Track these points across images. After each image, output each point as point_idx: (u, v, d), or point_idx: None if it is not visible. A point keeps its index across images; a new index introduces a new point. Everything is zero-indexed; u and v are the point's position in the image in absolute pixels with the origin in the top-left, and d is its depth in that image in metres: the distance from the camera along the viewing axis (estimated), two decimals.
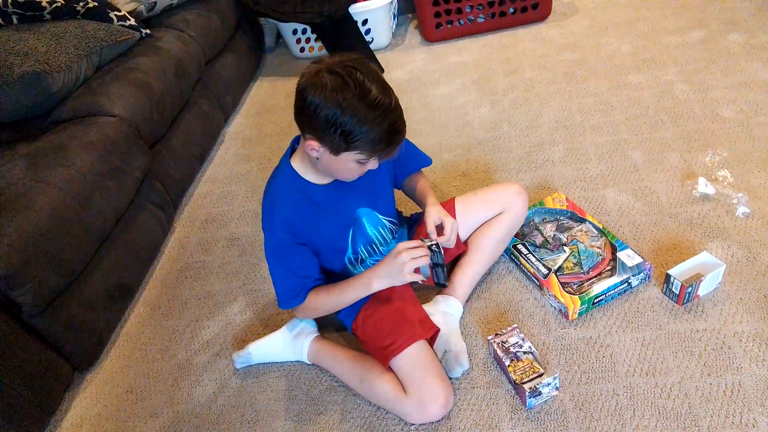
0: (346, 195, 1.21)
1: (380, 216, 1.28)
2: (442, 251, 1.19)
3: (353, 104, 0.96)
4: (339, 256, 1.28)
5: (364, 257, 1.30)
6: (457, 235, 1.40)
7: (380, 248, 1.31)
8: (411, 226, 1.44)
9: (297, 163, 1.17)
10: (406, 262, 1.11)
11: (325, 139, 1.02)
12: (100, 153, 1.58)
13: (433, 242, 1.16)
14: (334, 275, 1.29)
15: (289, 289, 1.21)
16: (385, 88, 1.01)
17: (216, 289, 1.66)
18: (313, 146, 1.04)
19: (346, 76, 0.97)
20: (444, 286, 1.32)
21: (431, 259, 1.17)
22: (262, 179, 2.05)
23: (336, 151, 1.03)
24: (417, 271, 1.14)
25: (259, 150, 2.23)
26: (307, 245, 1.20)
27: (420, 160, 1.39)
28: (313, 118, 1.00)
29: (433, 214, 1.23)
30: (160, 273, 1.76)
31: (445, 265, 1.22)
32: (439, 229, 1.23)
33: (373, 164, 1.08)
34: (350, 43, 2.60)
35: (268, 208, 1.18)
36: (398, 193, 1.43)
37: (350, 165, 1.06)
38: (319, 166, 1.12)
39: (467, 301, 1.41)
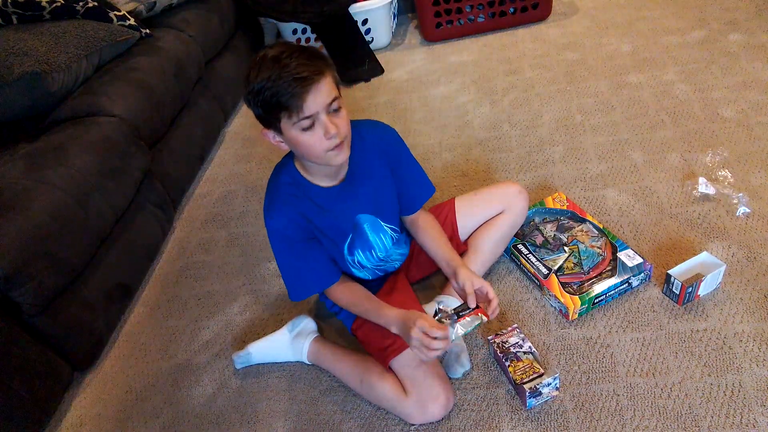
0: (347, 200, 1.19)
1: (383, 223, 1.27)
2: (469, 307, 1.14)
3: (252, 78, 0.99)
4: (337, 258, 1.27)
5: (362, 261, 1.29)
6: (458, 234, 1.41)
7: (378, 254, 1.30)
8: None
9: (298, 164, 1.17)
10: (416, 346, 1.08)
11: (265, 123, 1.05)
12: (100, 153, 1.58)
13: (458, 312, 1.12)
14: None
15: (301, 279, 1.21)
16: (283, 49, 0.99)
17: (216, 289, 1.66)
18: (267, 135, 1.07)
19: (253, 61, 1.01)
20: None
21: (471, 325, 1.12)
22: (262, 179, 2.05)
23: (277, 128, 1.03)
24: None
25: (259, 150, 2.23)
26: (312, 239, 1.20)
27: (425, 188, 1.32)
28: (254, 112, 1.04)
29: (470, 287, 1.15)
30: (160, 273, 1.76)
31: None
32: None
33: (326, 125, 1.00)
34: (350, 43, 2.60)
35: (273, 204, 1.16)
36: None
37: (304, 137, 1.01)
38: (301, 159, 1.12)
39: None
